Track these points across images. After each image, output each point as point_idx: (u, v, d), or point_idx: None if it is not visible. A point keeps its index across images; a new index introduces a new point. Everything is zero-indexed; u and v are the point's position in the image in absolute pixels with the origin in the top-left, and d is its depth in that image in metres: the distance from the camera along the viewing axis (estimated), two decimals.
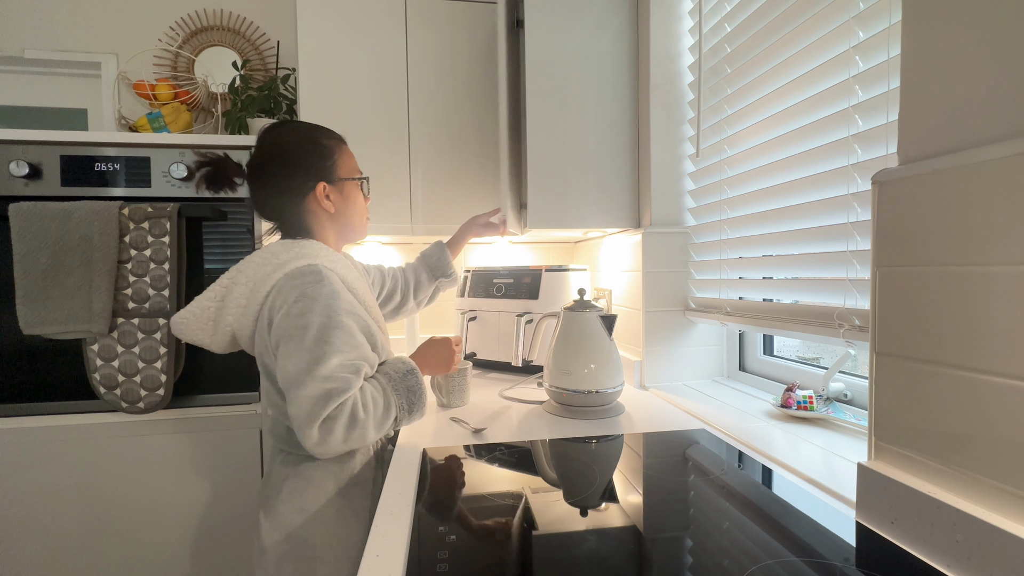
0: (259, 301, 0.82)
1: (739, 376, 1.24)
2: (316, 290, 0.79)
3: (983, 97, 0.46)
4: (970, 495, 0.46)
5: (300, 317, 0.77)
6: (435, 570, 0.50)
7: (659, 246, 1.21)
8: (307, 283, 0.80)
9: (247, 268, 0.85)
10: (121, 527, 1.23)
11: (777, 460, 0.75)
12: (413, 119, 1.47)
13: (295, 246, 0.86)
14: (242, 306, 0.84)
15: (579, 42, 1.22)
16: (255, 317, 0.83)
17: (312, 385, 0.74)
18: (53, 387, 1.21)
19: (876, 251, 0.55)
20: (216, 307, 0.86)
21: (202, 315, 0.86)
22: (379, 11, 1.43)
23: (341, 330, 0.79)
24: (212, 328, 0.86)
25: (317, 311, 0.78)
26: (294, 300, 0.79)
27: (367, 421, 0.78)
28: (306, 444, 0.75)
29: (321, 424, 0.74)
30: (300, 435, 0.75)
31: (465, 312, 1.50)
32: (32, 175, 1.17)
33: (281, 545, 0.81)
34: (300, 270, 0.82)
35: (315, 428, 0.74)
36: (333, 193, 0.93)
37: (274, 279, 0.82)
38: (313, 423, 0.74)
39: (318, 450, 0.76)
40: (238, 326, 0.85)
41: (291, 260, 0.83)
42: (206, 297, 0.86)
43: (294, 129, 0.94)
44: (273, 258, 0.84)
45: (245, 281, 0.84)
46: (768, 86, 0.96)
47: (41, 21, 1.69)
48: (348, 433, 0.76)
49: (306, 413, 0.74)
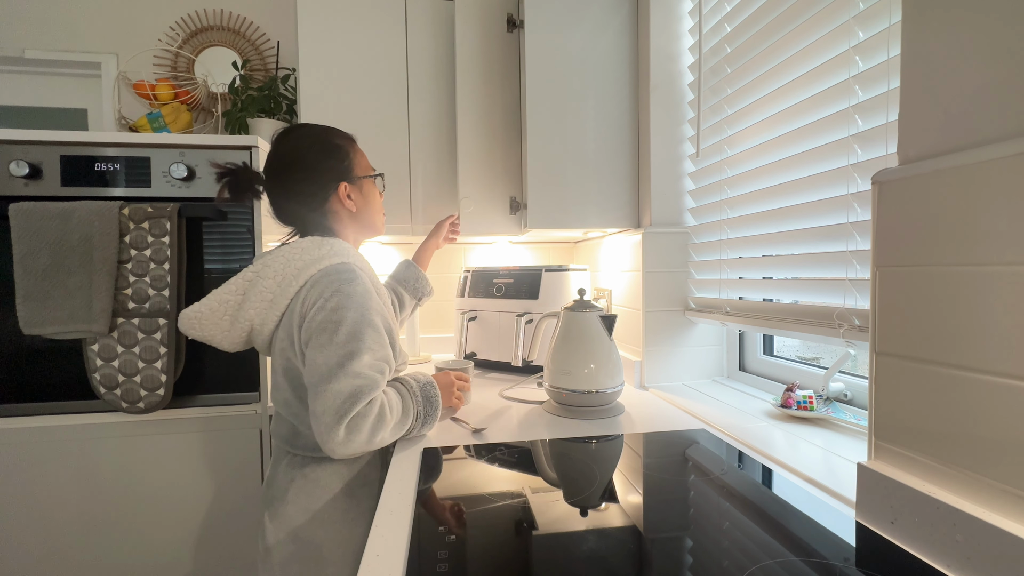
0: (289, 295, 0.82)
1: (739, 376, 1.24)
2: (351, 288, 0.80)
3: (983, 97, 0.46)
4: (970, 495, 0.46)
5: (335, 312, 0.78)
6: (435, 570, 0.50)
7: (659, 246, 1.21)
8: (343, 280, 0.80)
9: (275, 263, 0.84)
10: (121, 527, 1.23)
11: (777, 460, 0.75)
12: (413, 119, 1.47)
13: (325, 244, 0.86)
14: (268, 300, 0.83)
15: (579, 42, 1.22)
16: (282, 311, 0.83)
17: (343, 380, 0.73)
18: (53, 387, 1.21)
19: (876, 251, 0.55)
20: (237, 301, 0.85)
21: (220, 309, 0.85)
22: (379, 11, 1.43)
23: (373, 328, 0.79)
24: (229, 323, 0.86)
25: (352, 308, 0.78)
26: (330, 295, 0.79)
27: (389, 423, 0.78)
28: (329, 442, 0.72)
29: (349, 422, 0.72)
30: (324, 432, 0.72)
31: (465, 312, 1.50)
32: (32, 175, 1.17)
33: (287, 546, 0.81)
34: (335, 267, 0.82)
35: (342, 425, 0.72)
36: (354, 192, 0.94)
37: (308, 274, 0.82)
38: (342, 420, 0.71)
39: (341, 448, 0.73)
40: (259, 321, 0.84)
41: (325, 257, 0.84)
42: (226, 291, 0.86)
43: (307, 133, 0.93)
44: (304, 254, 0.84)
45: (273, 275, 0.83)
46: (768, 86, 0.96)
47: (41, 21, 1.69)
48: (372, 434, 0.75)
49: (335, 409, 0.72)
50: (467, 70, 1.33)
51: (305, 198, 0.90)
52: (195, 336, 0.87)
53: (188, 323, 0.86)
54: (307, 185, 0.90)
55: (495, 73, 1.35)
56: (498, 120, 1.36)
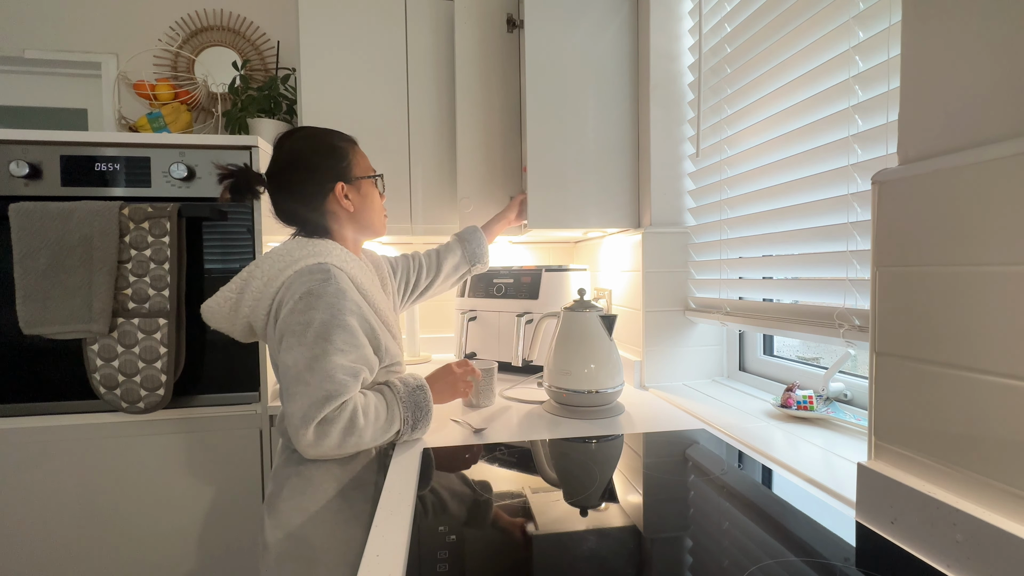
0: (271, 296, 0.84)
1: (739, 376, 1.24)
2: (322, 288, 0.81)
3: (983, 97, 0.46)
4: (970, 495, 0.46)
5: (304, 313, 0.79)
6: (435, 570, 0.50)
7: (659, 246, 1.21)
8: (314, 280, 0.81)
9: (264, 263, 0.87)
10: (121, 527, 1.23)
11: (777, 460, 0.75)
12: (413, 119, 1.47)
13: (309, 244, 0.87)
14: (256, 299, 0.86)
15: (579, 42, 1.22)
16: (267, 312, 0.85)
17: (311, 383, 0.75)
18: (53, 387, 1.21)
19: (876, 251, 0.55)
20: (235, 298, 0.88)
21: (224, 305, 0.88)
22: (379, 11, 1.43)
23: (343, 329, 0.79)
24: (232, 317, 0.89)
25: (321, 308, 0.79)
26: (299, 296, 0.80)
27: (365, 429, 0.79)
28: (300, 443, 0.76)
29: (317, 425, 0.75)
30: (294, 433, 0.76)
31: (465, 312, 1.50)
32: (32, 175, 1.17)
33: (282, 543, 0.81)
34: (309, 268, 0.83)
35: (311, 428, 0.75)
36: (351, 192, 0.94)
37: (285, 275, 0.84)
38: (309, 423, 0.74)
39: (311, 451, 0.77)
40: (253, 317, 0.87)
41: (303, 258, 0.85)
42: (228, 288, 0.89)
43: (308, 135, 0.95)
44: (287, 255, 0.86)
45: (261, 276, 0.86)
46: (768, 86, 0.96)
47: (41, 21, 1.69)
48: (344, 438, 0.77)
49: (303, 412, 0.75)
50: (467, 70, 1.33)
51: (304, 198, 0.92)
52: (214, 326, 0.91)
53: (207, 314, 0.90)
54: (305, 185, 0.92)
55: (495, 73, 1.35)
56: (498, 120, 1.36)
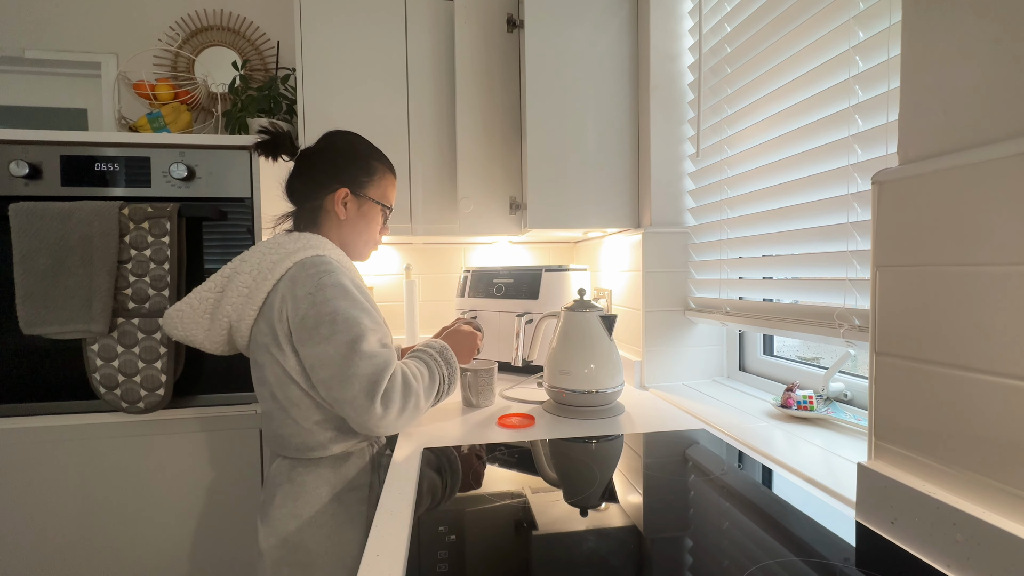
0: (265, 289, 0.83)
1: (739, 376, 1.24)
2: (331, 278, 0.81)
3: (983, 97, 0.46)
4: (970, 495, 0.46)
5: (326, 304, 0.79)
6: (435, 570, 0.50)
7: (659, 246, 1.21)
8: (322, 272, 0.82)
9: (251, 258, 0.85)
10: (121, 527, 1.23)
11: (777, 460, 0.75)
12: (413, 119, 1.47)
13: (302, 238, 0.87)
14: (244, 295, 0.84)
15: (579, 42, 1.22)
16: (259, 305, 0.83)
17: (360, 363, 0.76)
18: (53, 387, 1.21)
19: (876, 251, 0.55)
20: (215, 298, 0.86)
21: (200, 307, 0.86)
22: (379, 11, 1.43)
23: (365, 312, 0.81)
24: (208, 322, 0.86)
25: (340, 297, 0.80)
26: (315, 288, 0.80)
27: (419, 389, 0.81)
28: (369, 422, 0.76)
29: (380, 398, 0.76)
30: (361, 415, 0.76)
31: (465, 312, 1.50)
32: (32, 175, 1.17)
33: (277, 550, 0.81)
34: (311, 260, 0.83)
35: (376, 403, 0.75)
36: (351, 203, 0.94)
37: (283, 267, 0.83)
38: (374, 399, 0.75)
39: (382, 424, 0.77)
40: (236, 316, 0.84)
41: (300, 250, 0.84)
42: (205, 288, 0.87)
43: (352, 138, 0.98)
44: (280, 248, 0.85)
45: (249, 270, 0.84)
46: (768, 86, 0.96)
47: (41, 21, 1.69)
48: (404, 402, 0.79)
49: (364, 391, 0.75)
50: (467, 70, 1.33)
51: (311, 183, 0.93)
52: (178, 337, 0.87)
53: (170, 322, 0.86)
54: (319, 173, 0.93)
55: (495, 73, 1.35)
56: (498, 120, 1.36)
